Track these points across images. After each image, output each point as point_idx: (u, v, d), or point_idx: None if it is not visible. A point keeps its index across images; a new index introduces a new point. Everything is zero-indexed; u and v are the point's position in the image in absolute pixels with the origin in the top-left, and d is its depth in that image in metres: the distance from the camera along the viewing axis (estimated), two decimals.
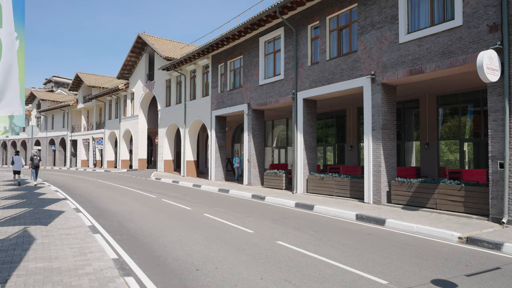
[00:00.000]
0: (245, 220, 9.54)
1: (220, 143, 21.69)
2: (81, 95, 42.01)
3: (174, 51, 28.20)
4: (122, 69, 32.87)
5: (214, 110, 21.47)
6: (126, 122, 33.92)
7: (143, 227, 8.45)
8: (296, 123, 15.20)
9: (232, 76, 20.27)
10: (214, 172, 21.50)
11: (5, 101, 6.40)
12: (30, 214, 9.22)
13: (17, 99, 6.53)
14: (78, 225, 7.86)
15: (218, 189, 16.98)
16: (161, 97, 28.52)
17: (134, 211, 10.82)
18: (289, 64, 15.72)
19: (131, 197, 14.28)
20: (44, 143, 48.34)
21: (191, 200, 13.45)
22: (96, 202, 12.43)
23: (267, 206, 12.29)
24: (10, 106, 6.45)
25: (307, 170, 15.02)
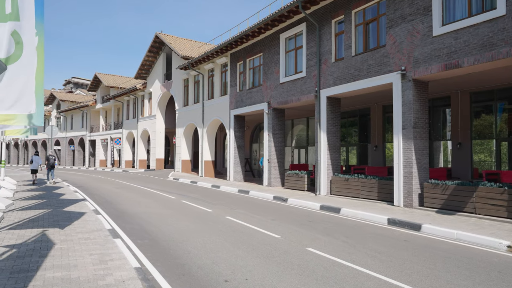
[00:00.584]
0: (270, 224, 9.06)
1: (239, 143, 21.27)
2: (100, 95, 42.32)
3: (191, 50, 27.95)
4: (140, 69, 32.85)
5: (233, 109, 21.06)
6: (144, 122, 33.90)
7: (165, 230, 8.06)
8: (319, 122, 14.63)
9: (251, 75, 19.82)
10: (232, 173, 21.09)
11: (23, 99, 6.10)
12: (49, 216, 8.97)
13: (32, 97, 6.21)
14: (97, 228, 7.52)
15: (237, 190, 16.55)
16: (178, 96, 28.31)
17: (154, 213, 10.47)
18: (312, 61, 15.16)
19: (150, 198, 13.98)
20: (64, 143, 48.97)
21: (211, 202, 13.05)
22: (115, 203, 12.16)
23: (290, 209, 11.78)
24: (27, 104, 6.15)
25: (330, 171, 14.43)
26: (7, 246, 5.88)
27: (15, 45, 6.17)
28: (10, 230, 7.16)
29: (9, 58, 5.99)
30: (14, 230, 7.16)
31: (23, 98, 6.14)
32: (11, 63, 5.96)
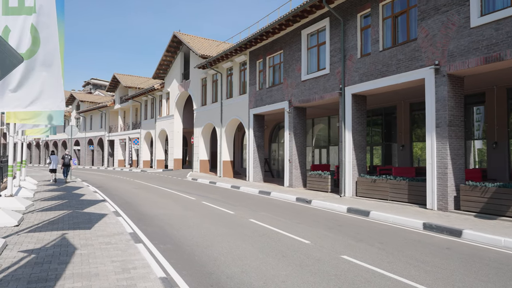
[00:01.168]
0: (297, 228, 8.57)
1: (258, 143, 20.82)
2: (118, 96, 42.59)
3: (209, 49, 27.67)
4: (158, 69, 32.80)
5: (252, 108, 20.63)
6: (162, 122, 33.84)
7: (187, 234, 7.67)
8: (343, 120, 14.05)
9: (271, 73, 19.35)
10: (252, 173, 20.66)
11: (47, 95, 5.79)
12: (69, 217, 8.71)
13: (61, 93, 5.89)
14: (118, 231, 7.19)
15: (258, 191, 16.11)
16: (196, 96, 28.07)
17: (175, 215, 10.12)
18: (336, 57, 14.58)
19: (170, 199, 13.68)
20: (83, 143, 49.56)
21: (233, 203, 12.64)
22: (135, 205, 11.88)
23: (315, 211, 11.25)
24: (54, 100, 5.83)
25: (356, 171, 13.83)
26: (25, 251, 5.58)
27: (32, 40, 5.86)
28: (29, 233, 6.90)
29: (26, 53, 5.69)
30: (33, 233, 6.88)
31: (47, 94, 5.82)
32: (27, 58, 5.66)
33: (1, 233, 6.68)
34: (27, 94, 5.59)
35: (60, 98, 5.72)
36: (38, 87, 5.65)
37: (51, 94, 5.72)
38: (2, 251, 5.46)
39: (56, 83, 5.87)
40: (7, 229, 7.07)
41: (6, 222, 7.32)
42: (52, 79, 5.86)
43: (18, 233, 6.83)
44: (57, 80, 5.90)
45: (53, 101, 5.68)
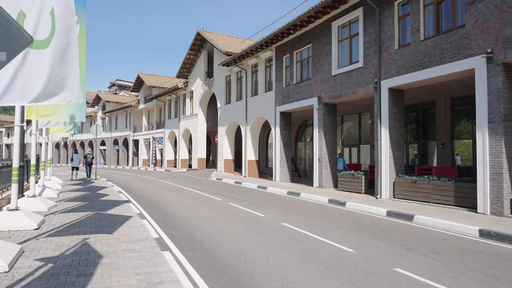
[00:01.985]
0: (335, 233, 7.78)
1: (285, 141, 20.04)
2: (142, 95, 42.74)
3: (234, 46, 27.10)
4: (181, 68, 32.54)
5: (279, 106, 19.88)
6: (186, 121, 33.58)
7: (217, 240, 7.02)
8: (379, 117, 13.09)
9: (299, 68, 18.53)
10: (279, 173, 19.91)
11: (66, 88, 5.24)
12: (91, 220, 8.24)
13: (77, 85, 5.32)
14: (143, 236, 6.61)
15: (287, 192, 15.35)
16: (220, 94, 27.57)
17: (202, 217, 9.51)
18: (370, 49, 13.63)
19: (195, 199, 13.12)
20: (109, 143, 50.14)
21: (261, 205, 11.94)
22: (160, 206, 11.37)
23: (351, 214, 10.40)
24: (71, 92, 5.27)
25: (393, 171, 12.85)
26: (42, 260, 5.06)
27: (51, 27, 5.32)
28: (48, 237, 6.42)
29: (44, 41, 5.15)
30: (53, 237, 6.40)
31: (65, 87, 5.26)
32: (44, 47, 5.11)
33: (19, 238, 6.22)
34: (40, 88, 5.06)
35: (77, 90, 5.17)
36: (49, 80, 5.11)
37: (68, 87, 5.16)
38: (17, 259, 4.95)
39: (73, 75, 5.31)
40: (26, 233, 6.62)
41: (26, 225, 6.88)
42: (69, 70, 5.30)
43: (37, 237, 6.36)
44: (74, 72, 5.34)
45: (70, 93, 5.12)
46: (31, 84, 5.03)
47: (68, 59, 5.31)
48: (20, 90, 4.97)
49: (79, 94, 5.19)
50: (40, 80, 5.10)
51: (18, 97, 4.94)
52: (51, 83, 5.14)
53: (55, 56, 5.22)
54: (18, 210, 7.10)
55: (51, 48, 5.24)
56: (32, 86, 5.04)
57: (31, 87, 5.00)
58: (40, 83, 5.09)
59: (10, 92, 4.94)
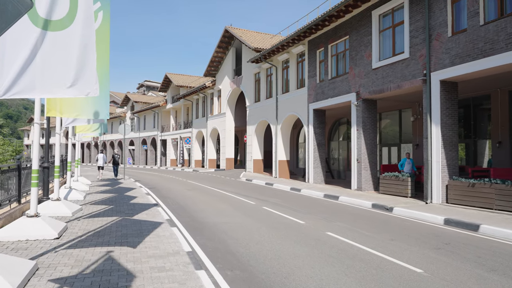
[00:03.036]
0: (392, 247, 6.68)
1: (319, 140, 18.92)
2: (170, 95, 42.59)
3: (263, 42, 26.17)
4: (209, 66, 31.95)
5: (312, 103, 18.77)
6: (213, 121, 32.98)
7: (257, 253, 6.09)
8: (429, 112, 11.78)
9: (335, 62, 17.36)
10: (312, 174, 18.81)
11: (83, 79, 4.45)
12: (117, 227, 7.51)
13: (94, 77, 4.50)
14: (174, 250, 5.77)
15: (323, 195, 14.25)
16: (249, 92, 26.71)
17: (237, 224, 8.62)
18: (417, 38, 12.33)
19: (226, 203, 12.28)
20: (137, 143, 50.47)
21: (298, 210, 10.93)
22: (190, 210, 10.58)
23: (403, 222, 9.22)
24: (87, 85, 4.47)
25: (446, 173, 11.52)
26: (57, 281, 4.29)
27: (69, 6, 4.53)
28: (69, 249, 5.69)
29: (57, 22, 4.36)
30: (74, 249, 5.67)
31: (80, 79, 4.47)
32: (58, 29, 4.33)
33: (36, 250, 5.52)
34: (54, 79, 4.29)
35: (93, 81, 4.37)
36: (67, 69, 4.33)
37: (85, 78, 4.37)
38: (29, 280, 4.21)
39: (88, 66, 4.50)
40: (45, 243, 5.93)
41: (46, 234, 6.20)
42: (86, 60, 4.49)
43: (56, 249, 5.64)
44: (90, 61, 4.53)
45: (87, 85, 4.33)
46: (43, 74, 4.26)
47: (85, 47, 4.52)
48: (31, 81, 4.21)
49: (96, 86, 4.38)
50: (54, 69, 4.33)
51: (28, 89, 4.18)
52: (66, 73, 4.37)
53: (70, 43, 4.44)
54: (37, 217, 6.44)
55: (66, 33, 4.45)
56: (44, 76, 4.27)
57: (43, 77, 4.24)
58: (54, 73, 4.33)
59: (20, 83, 4.19)
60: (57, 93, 4.25)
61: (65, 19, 4.48)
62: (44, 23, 4.19)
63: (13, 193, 8.05)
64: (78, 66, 4.36)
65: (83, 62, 4.37)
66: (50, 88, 4.23)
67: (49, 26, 4.20)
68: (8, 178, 7.83)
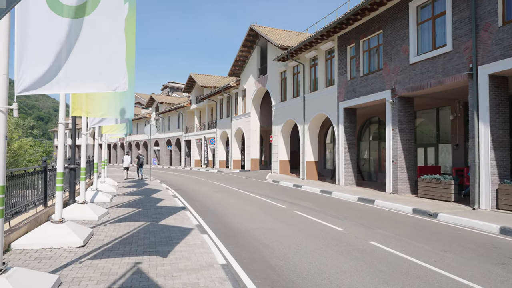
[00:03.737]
0: (448, 260, 5.94)
1: (350, 141, 18.09)
2: (194, 96, 42.54)
3: (289, 40, 25.51)
4: (233, 66, 31.56)
5: (342, 102, 17.96)
6: (238, 121, 32.56)
7: (298, 266, 5.49)
8: (476, 110, 10.82)
9: (367, 58, 16.51)
10: (342, 175, 18.00)
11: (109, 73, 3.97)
12: (145, 233, 7.07)
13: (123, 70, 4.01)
14: (207, 262, 5.25)
15: (357, 198, 13.46)
16: (275, 91, 26.09)
17: (270, 230, 8.04)
18: (462, 29, 11.38)
19: (256, 206, 11.72)
20: (162, 143, 50.79)
21: (333, 214, 10.24)
22: (219, 214, 10.08)
23: (452, 231, 8.37)
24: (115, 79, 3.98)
25: (496, 176, 10.53)
26: None
27: None
28: (94, 259, 5.26)
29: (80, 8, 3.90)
30: (99, 260, 5.23)
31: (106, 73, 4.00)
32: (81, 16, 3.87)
33: (59, 260, 5.12)
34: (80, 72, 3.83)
35: (122, 75, 3.88)
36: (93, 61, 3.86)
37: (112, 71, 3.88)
38: None
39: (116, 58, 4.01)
40: (69, 252, 5.53)
41: (71, 242, 5.81)
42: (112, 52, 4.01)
43: (81, 259, 5.23)
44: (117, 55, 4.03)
45: (114, 79, 3.85)
46: (67, 68, 3.81)
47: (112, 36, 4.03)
48: (53, 76, 3.76)
49: (124, 80, 3.89)
50: (79, 61, 3.87)
51: (50, 84, 3.73)
52: (92, 65, 3.90)
53: (96, 32, 3.96)
54: (62, 222, 6.06)
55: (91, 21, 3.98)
56: (69, 70, 3.82)
57: (67, 71, 3.78)
58: (78, 66, 3.86)
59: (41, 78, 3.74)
60: (82, 87, 3.81)
61: (88, 3, 4.01)
62: (65, 9, 3.74)
63: (39, 196, 7.76)
64: (105, 58, 3.90)
65: (111, 53, 3.90)
66: (75, 83, 3.78)
67: (71, 13, 3.75)
68: (34, 180, 7.54)
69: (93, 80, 3.84)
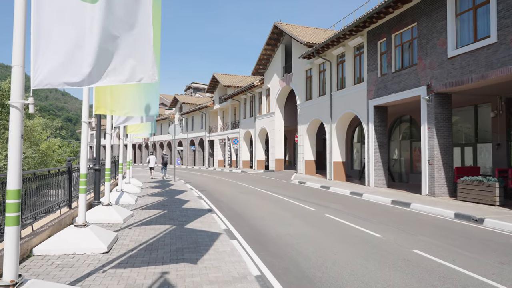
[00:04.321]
0: (508, 273, 5.25)
1: (380, 140, 17.28)
2: (217, 96, 42.41)
3: (315, 37, 24.82)
4: (257, 64, 31.12)
5: (372, 99, 17.18)
6: (262, 120, 32.10)
7: (338, 278, 4.94)
8: None
9: (399, 53, 15.68)
10: (373, 176, 17.21)
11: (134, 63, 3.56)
12: (171, 238, 6.69)
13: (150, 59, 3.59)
14: (240, 273, 4.79)
15: (390, 201, 12.73)
16: (300, 90, 25.47)
17: (302, 235, 7.52)
18: (509, 18, 10.48)
19: (284, 209, 11.20)
20: (186, 144, 51.00)
21: (367, 218, 9.59)
22: (247, 217, 9.63)
23: (506, 239, 7.59)
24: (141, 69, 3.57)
25: None
26: None
27: None
28: (118, 268, 4.90)
29: None
30: (124, 269, 4.86)
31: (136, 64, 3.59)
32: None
33: (82, 268, 4.78)
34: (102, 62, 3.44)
35: (149, 65, 3.46)
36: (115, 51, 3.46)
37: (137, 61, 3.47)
38: None
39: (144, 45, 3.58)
40: (93, 259, 5.19)
41: (94, 247, 5.48)
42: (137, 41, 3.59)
43: (105, 267, 4.87)
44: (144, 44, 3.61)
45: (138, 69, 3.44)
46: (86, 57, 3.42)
47: (138, 19, 3.62)
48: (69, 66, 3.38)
49: (152, 70, 3.47)
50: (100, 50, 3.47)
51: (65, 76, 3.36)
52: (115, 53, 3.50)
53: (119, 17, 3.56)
54: (86, 226, 5.75)
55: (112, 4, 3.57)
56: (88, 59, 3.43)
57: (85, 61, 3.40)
58: (100, 55, 3.47)
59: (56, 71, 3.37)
60: (105, 80, 3.41)
61: None
62: None
63: (63, 197, 7.53)
64: (131, 45, 3.49)
65: (137, 41, 3.50)
66: (97, 75, 3.39)
67: None
68: (58, 181, 7.31)
69: (118, 71, 3.45)
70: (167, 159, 23.73)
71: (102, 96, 5.94)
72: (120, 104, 6.15)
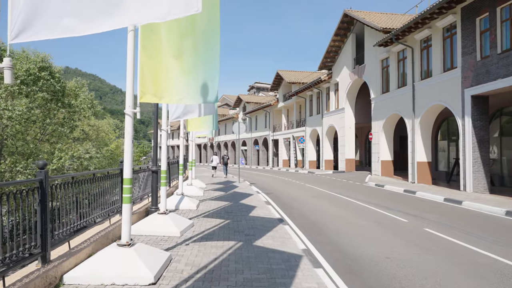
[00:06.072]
0: None
1: (480, 136, 14.40)
2: (281, 93, 40.95)
3: (391, 22, 22.17)
4: (324, 58, 29.02)
5: (469, 88, 14.37)
6: (330, 118, 29.90)
7: None
8: None
9: (507, 30, 12.78)
10: (471, 180, 14.39)
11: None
12: (237, 262, 5.23)
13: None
14: None
15: (504, 212, 10.12)
16: (374, 82, 22.93)
17: (405, 261, 5.64)
18: None
19: (368, 218, 9.28)
20: (249, 143, 50.32)
21: (485, 237, 7.34)
22: (326, 231, 7.91)
23: None
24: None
25: None
26: None
27: None
28: None
29: None
30: None
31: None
32: None
33: None
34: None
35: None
36: None
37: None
38: None
39: None
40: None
41: (138, 277, 4.17)
42: None
43: None
44: None
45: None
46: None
47: None
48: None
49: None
50: None
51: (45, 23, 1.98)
52: None
53: None
54: (130, 246, 4.50)
55: None
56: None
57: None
58: None
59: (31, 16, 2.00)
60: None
61: None
62: None
63: (113, 204, 6.47)
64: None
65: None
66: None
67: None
68: (109, 186, 6.26)
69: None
70: (227, 159, 25.34)
71: (147, 78, 4.62)
72: (169, 88, 4.82)
